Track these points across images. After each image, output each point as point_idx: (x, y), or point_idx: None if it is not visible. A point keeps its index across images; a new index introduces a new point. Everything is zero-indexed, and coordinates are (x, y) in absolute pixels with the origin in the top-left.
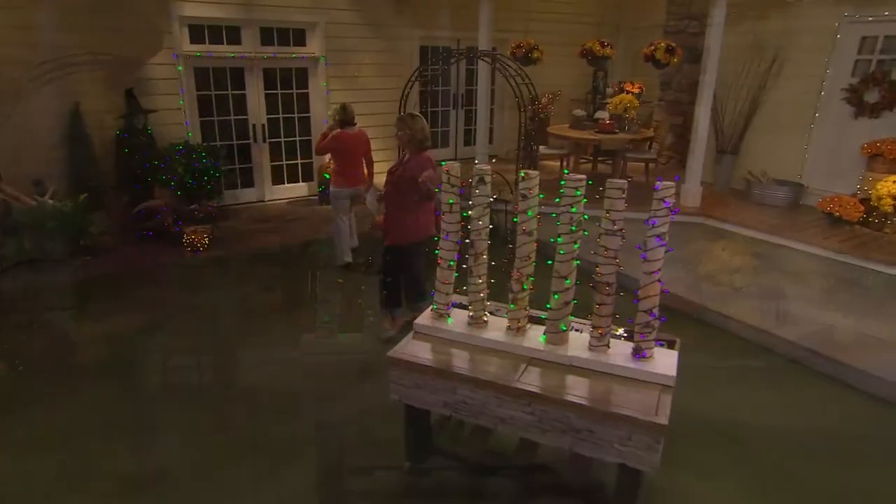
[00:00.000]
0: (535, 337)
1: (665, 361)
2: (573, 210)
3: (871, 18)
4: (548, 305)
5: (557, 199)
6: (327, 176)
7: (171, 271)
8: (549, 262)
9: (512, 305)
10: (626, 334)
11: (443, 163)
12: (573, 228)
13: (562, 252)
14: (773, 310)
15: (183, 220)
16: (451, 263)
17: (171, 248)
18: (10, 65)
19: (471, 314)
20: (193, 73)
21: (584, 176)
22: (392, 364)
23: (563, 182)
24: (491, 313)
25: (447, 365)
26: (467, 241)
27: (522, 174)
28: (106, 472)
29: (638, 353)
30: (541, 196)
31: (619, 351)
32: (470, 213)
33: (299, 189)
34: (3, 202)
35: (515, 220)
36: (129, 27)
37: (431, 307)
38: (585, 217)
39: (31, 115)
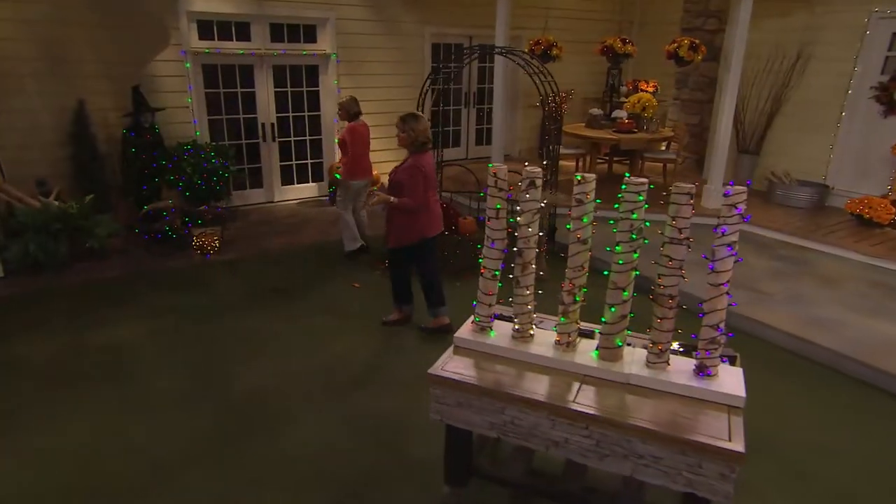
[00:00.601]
0: (587, 352)
1: (730, 380)
2: (634, 216)
3: None
4: (602, 319)
5: (617, 205)
6: (339, 176)
7: (181, 275)
8: (605, 272)
9: (563, 319)
10: (681, 349)
11: (490, 164)
12: (633, 236)
13: (620, 262)
14: (808, 315)
15: (192, 221)
16: (497, 273)
17: (181, 252)
18: (12, 60)
19: (516, 327)
20: (202, 69)
21: (645, 179)
22: (433, 382)
23: (623, 186)
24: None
25: (494, 383)
26: (514, 249)
27: (579, 177)
28: (108, 484)
29: (702, 371)
30: (599, 201)
31: (680, 368)
32: (518, 219)
33: (309, 190)
34: (6, 203)
35: (569, 226)
36: (135, 22)
37: (473, 319)
38: (647, 224)
39: (34, 112)
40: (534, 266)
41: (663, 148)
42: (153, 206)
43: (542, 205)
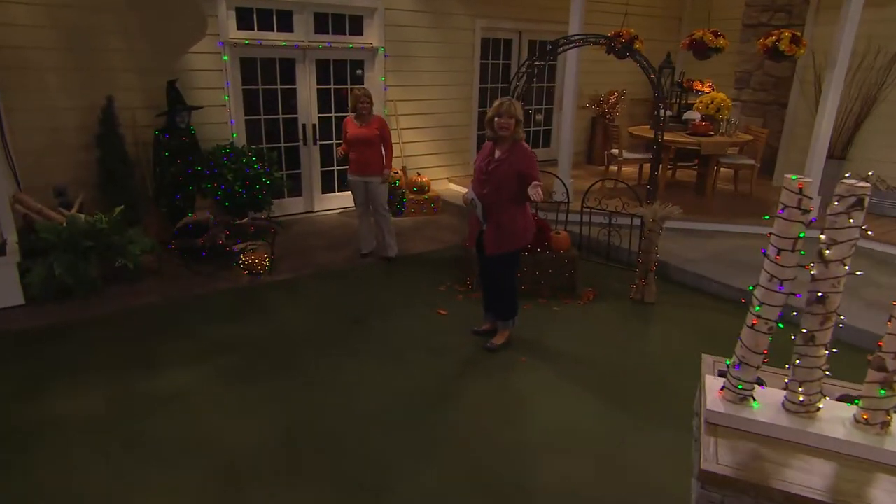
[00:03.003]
0: None
1: None
2: None
3: None
4: None
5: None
6: (396, 183)
7: (232, 301)
8: None
9: (882, 391)
10: None
11: (794, 177)
12: None
13: None
14: None
15: (236, 236)
16: (779, 325)
17: (225, 272)
18: (32, 50)
19: (801, 399)
20: (239, 64)
21: None
22: (711, 483)
23: None
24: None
25: (825, 490)
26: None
27: None
28: None
29: None
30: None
31: None
32: (827, 251)
33: (350, 198)
34: (25, 217)
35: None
36: (169, 8)
37: (736, 385)
38: None
39: (56, 110)
40: (839, 315)
41: (739, 152)
42: (193, 220)
43: (868, 231)
